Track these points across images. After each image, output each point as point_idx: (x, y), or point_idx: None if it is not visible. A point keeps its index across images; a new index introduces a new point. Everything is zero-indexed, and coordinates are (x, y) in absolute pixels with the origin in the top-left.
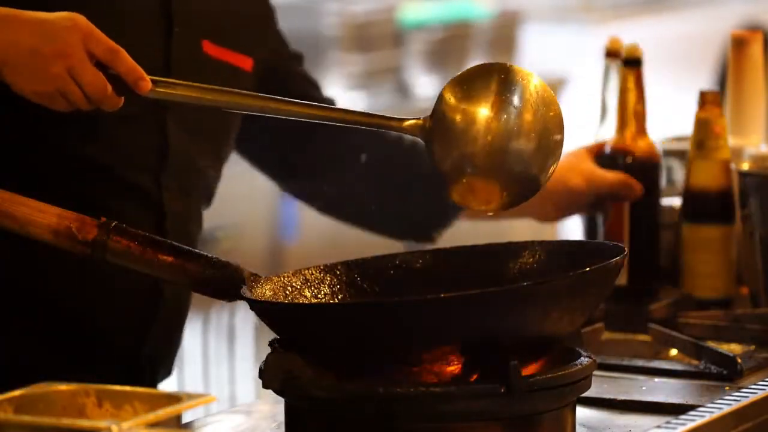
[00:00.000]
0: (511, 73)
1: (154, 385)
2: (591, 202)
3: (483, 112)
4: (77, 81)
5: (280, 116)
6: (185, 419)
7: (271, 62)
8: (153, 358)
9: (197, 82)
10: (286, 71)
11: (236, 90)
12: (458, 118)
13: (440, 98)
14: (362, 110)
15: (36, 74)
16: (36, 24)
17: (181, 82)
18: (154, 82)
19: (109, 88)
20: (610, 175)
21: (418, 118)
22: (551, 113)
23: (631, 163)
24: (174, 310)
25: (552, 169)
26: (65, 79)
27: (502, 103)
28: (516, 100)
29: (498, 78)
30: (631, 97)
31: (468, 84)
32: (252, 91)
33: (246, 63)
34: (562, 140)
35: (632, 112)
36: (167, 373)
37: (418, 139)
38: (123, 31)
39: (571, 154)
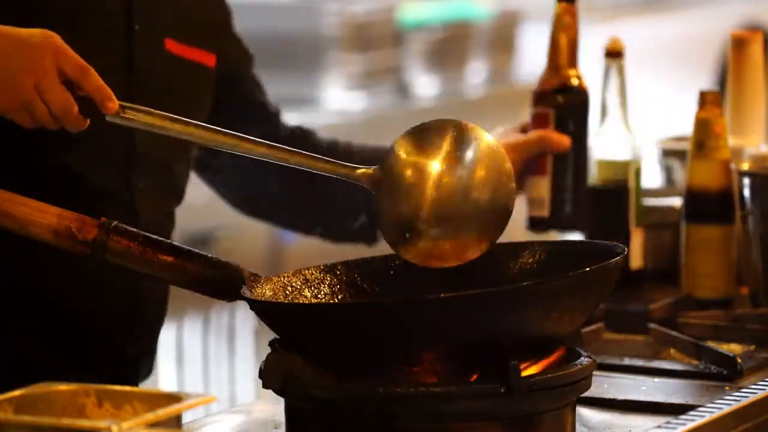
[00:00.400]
0: (464, 130)
1: (136, 384)
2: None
3: (433, 166)
4: (44, 98)
5: (238, 153)
6: (185, 419)
7: (230, 62)
8: (137, 357)
9: (161, 79)
10: (242, 72)
11: (203, 124)
12: (408, 171)
13: (392, 151)
14: (319, 155)
15: (2, 87)
16: (7, 39)
17: (148, 109)
18: (121, 107)
19: (75, 108)
20: (531, 137)
21: (369, 168)
22: (503, 170)
23: (555, 96)
24: (156, 308)
25: (503, 225)
26: (32, 94)
27: (453, 158)
28: (467, 156)
29: (450, 134)
30: (562, 33)
31: (420, 138)
32: (210, 89)
33: (209, 60)
34: (512, 198)
35: (562, 47)
36: (148, 372)
37: (335, 142)
38: (84, 31)
39: (497, 133)
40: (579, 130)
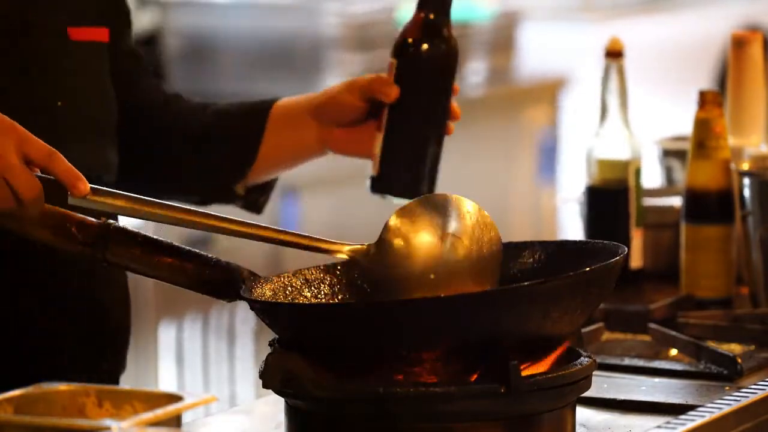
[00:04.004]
0: (452, 203)
1: (116, 381)
2: (365, 111)
3: (426, 240)
4: (10, 183)
5: (223, 234)
6: (185, 419)
7: (117, 32)
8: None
9: (70, 71)
10: (125, 43)
11: (176, 205)
12: (403, 246)
13: (386, 227)
14: (302, 233)
15: None
16: None
17: (118, 192)
18: (92, 189)
19: (41, 191)
20: (365, 78)
21: (362, 244)
22: (491, 237)
23: (403, 47)
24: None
25: (496, 274)
26: None
27: (444, 232)
28: (457, 228)
29: (440, 208)
30: None
31: (412, 215)
32: (105, 63)
33: (104, 35)
34: (500, 253)
35: None
36: (122, 368)
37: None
38: None
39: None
40: (426, 86)
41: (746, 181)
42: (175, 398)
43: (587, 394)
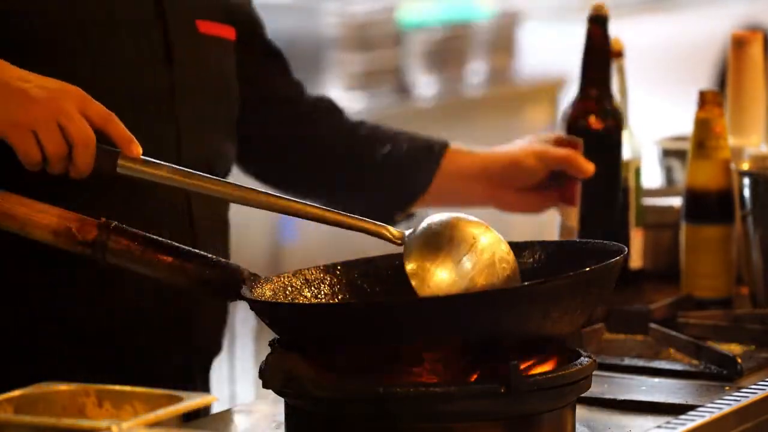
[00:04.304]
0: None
1: (209, 364)
2: (546, 183)
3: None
4: (64, 126)
5: (267, 210)
6: (185, 419)
7: (247, 31)
8: (204, 338)
9: (197, 64)
10: (259, 39)
11: (221, 180)
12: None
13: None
14: (353, 215)
15: (20, 107)
16: (36, 77)
17: (163, 163)
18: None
19: (95, 143)
20: (561, 152)
21: (401, 231)
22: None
23: (588, 130)
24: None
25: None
26: (48, 122)
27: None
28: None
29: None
30: (594, 58)
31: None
32: (233, 63)
33: (231, 33)
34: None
35: (593, 72)
36: (218, 349)
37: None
38: (118, 30)
39: (525, 140)
40: (612, 158)
41: (746, 181)
42: (175, 398)
43: (587, 394)
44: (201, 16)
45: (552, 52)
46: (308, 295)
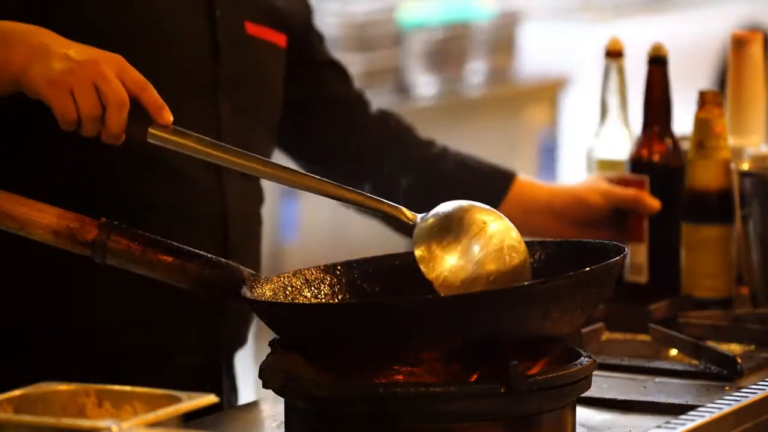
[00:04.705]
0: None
1: (232, 357)
2: (609, 219)
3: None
4: (99, 87)
5: (290, 185)
6: (185, 419)
7: (300, 40)
8: (230, 333)
9: (242, 62)
10: (318, 50)
11: (248, 153)
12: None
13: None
14: (370, 195)
15: (59, 67)
16: (78, 45)
17: (192, 133)
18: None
19: (128, 106)
20: (627, 192)
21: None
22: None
23: (652, 167)
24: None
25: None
26: (85, 81)
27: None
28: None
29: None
30: (656, 97)
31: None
32: (282, 69)
33: (281, 39)
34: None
35: (655, 112)
36: (244, 341)
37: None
38: (168, 21)
39: (588, 178)
40: (677, 194)
41: (746, 181)
42: (175, 398)
43: (587, 394)
44: (250, 18)
45: (552, 52)
46: (308, 295)
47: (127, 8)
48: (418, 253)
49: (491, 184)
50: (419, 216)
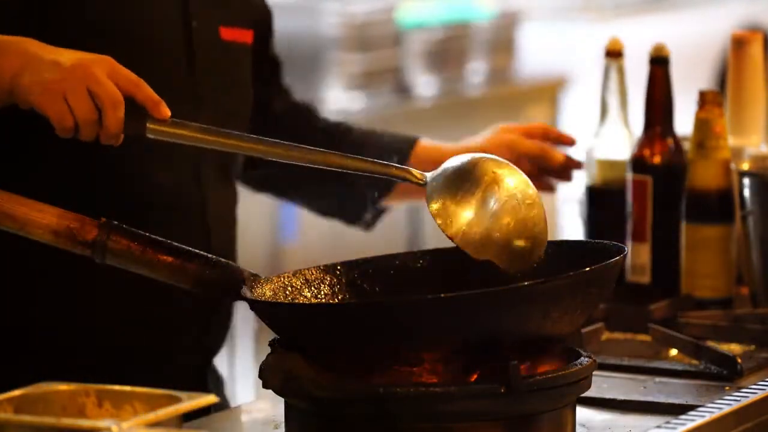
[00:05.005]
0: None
1: (210, 360)
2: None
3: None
4: (93, 91)
5: (290, 161)
6: (185, 419)
7: (261, 32)
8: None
9: (218, 69)
10: (268, 48)
11: (246, 135)
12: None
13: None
14: (378, 161)
15: (51, 74)
16: (68, 51)
17: (189, 123)
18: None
19: (123, 106)
20: (533, 144)
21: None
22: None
23: (652, 168)
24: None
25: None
26: (78, 87)
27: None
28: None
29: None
30: (656, 97)
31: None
32: (248, 63)
33: (249, 36)
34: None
35: (657, 112)
36: (222, 342)
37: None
38: (144, 38)
39: (493, 130)
40: (674, 196)
41: (746, 181)
42: (175, 398)
43: (587, 394)
44: (224, 22)
45: (552, 52)
46: (308, 295)
47: (117, 11)
48: (433, 209)
49: (395, 146)
50: (429, 175)
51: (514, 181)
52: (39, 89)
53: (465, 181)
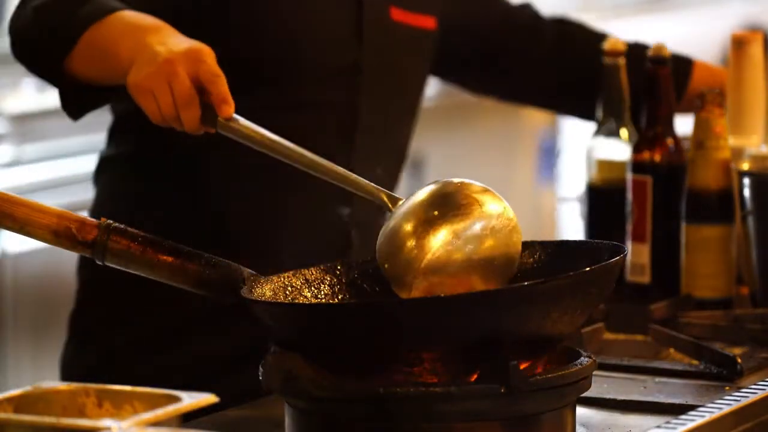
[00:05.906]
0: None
1: None
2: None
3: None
4: (172, 86)
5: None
6: (185, 419)
7: (452, 16)
8: None
9: (386, 48)
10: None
11: (300, 149)
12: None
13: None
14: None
15: (144, 69)
16: (174, 40)
17: (256, 127)
18: (235, 118)
19: (197, 103)
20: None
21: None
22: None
23: (653, 168)
24: None
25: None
26: (161, 83)
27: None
28: (478, 226)
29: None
30: (658, 97)
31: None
32: (430, 52)
33: (429, 22)
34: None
35: (657, 112)
36: None
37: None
38: (315, 5)
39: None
40: (675, 196)
41: (746, 181)
42: (175, 398)
43: (587, 394)
44: (396, 3)
45: None
46: (308, 295)
47: None
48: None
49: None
50: (401, 202)
51: (492, 207)
52: (134, 84)
53: (438, 207)
